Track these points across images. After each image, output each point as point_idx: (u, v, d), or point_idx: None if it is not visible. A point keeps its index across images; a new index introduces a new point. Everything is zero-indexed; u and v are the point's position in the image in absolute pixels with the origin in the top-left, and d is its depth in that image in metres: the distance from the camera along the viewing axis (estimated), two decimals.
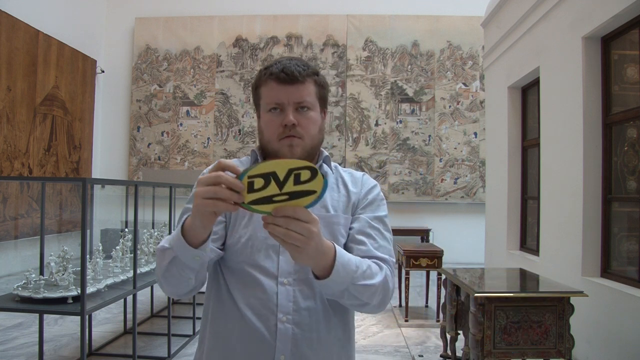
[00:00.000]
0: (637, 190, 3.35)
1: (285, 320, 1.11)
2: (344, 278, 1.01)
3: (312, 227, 0.88)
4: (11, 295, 2.79)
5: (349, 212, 1.22)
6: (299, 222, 0.87)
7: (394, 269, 1.18)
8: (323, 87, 1.22)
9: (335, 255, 0.99)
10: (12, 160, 6.72)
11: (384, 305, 1.13)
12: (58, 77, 7.69)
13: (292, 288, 1.13)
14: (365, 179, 1.29)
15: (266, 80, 1.17)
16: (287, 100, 1.15)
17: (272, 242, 1.14)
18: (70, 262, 2.93)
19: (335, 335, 1.17)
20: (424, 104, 9.00)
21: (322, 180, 0.86)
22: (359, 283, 1.04)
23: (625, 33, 3.45)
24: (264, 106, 1.18)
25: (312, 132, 1.18)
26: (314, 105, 1.18)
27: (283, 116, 1.15)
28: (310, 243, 0.89)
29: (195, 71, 9.24)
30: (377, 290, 1.08)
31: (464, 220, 8.79)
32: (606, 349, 3.31)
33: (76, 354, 3.73)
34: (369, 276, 1.06)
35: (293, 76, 1.15)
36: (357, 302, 1.07)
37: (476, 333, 2.78)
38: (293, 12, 9.18)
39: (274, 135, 1.16)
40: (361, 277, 1.05)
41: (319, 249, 0.94)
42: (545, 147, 4.49)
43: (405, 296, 4.89)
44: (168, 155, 9.23)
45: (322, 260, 0.97)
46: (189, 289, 1.09)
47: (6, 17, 6.47)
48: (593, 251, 3.63)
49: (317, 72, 1.21)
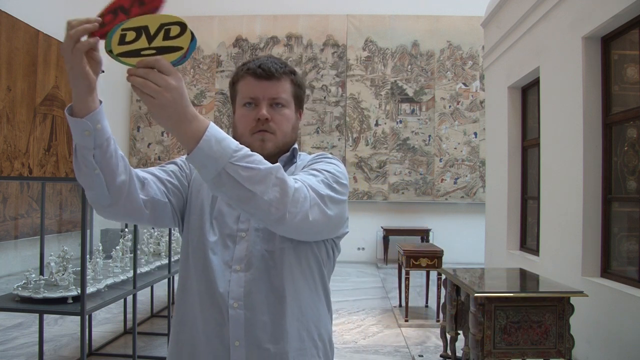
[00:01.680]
0: (637, 190, 3.35)
1: (237, 306, 1.11)
2: (219, 153, 0.91)
3: (171, 80, 0.86)
4: (11, 295, 2.79)
5: None
6: (157, 73, 0.86)
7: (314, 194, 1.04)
8: (299, 86, 1.24)
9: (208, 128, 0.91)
10: (12, 160, 6.71)
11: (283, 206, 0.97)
12: (58, 77, 7.69)
13: (244, 273, 1.12)
14: (318, 154, 1.25)
15: (243, 76, 1.20)
16: (262, 95, 1.17)
17: (228, 232, 1.16)
18: (70, 262, 2.93)
19: (295, 315, 1.15)
20: (424, 104, 9.00)
21: (189, 36, 0.87)
22: (239, 163, 0.92)
23: (625, 33, 3.45)
24: (239, 101, 1.21)
25: (285, 129, 1.20)
26: (288, 103, 1.20)
27: (257, 111, 1.17)
28: (165, 95, 0.86)
29: (195, 71, 9.24)
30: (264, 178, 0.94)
31: (464, 220, 8.79)
32: (606, 349, 3.31)
33: (76, 354, 3.73)
34: (254, 162, 0.94)
35: (269, 72, 1.17)
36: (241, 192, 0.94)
37: (476, 333, 2.78)
38: (293, 12, 9.18)
39: (247, 129, 1.18)
40: (242, 159, 0.93)
41: (179, 111, 0.88)
42: (545, 147, 4.49)
43: (405, 296, 4.89)
44: (168, 155, 9.23)
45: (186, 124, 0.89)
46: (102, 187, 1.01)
47: (6, 17, 6.47)
48: (593, 251, 3.63)
49: (294, 72, 1.23)
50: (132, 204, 1.07)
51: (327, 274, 1.25)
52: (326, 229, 1.13)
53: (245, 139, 1.18)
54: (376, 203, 9.01)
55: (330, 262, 1.25)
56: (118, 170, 1.02)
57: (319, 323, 1.20)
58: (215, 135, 0.92)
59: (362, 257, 8.87)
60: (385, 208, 9.03)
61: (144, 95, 0.87)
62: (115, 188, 1.02)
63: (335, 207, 1.11)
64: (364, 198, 8.94)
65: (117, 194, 1.03)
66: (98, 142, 0.97)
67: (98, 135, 0.97)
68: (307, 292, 1.18)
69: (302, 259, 1.17)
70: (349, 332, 4.49)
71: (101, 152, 0.98)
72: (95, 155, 0.98)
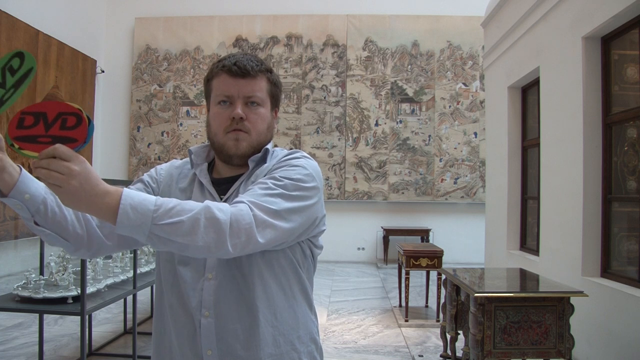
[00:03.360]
0: (637, 190, 3.35)
1: (208, 315, 1.10)
2: (139, 220, 0.90)
3: (73, 165, 0.85)
4: (11, 295, 2.80)
5: None
6: (59, 162, 0.85)
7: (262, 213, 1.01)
8: (275, 85, 1.22)
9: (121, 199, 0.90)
10: (12, 160, 6.71)
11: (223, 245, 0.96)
12: (58, 77, 7.69)
13: (215, 282, 1.11)
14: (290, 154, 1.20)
15: (218, 73, 1.17)
16: (237, 93, 1.15)
17: None
18: (70, 262, 2.93)
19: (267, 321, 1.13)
20: (424, 104, 9.00)
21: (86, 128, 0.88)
22: (163, 222, 0.92)
23: (625, 33, 3.45)
24: (214, 99, 1.18)
25: (260, 128, 1.17)
26: (264, 102, 1.18)
27: (231, 109, 1.14)
28: (70, 182, 0.85)
29: (195, 71, 9.24)
30: (193, 226, 0.93)
31: (464, 220, 8.79)
32: (606, 349, 3.31)
33: (76, 354, 3.73)
34: (176, 213, 0.93)
35: (245, 70, 1.14)
36: (175, 246, 0.95)
37: (476, 333, 2.78)
38: (293, 12, 9.18)
39: (221, 128, 1.15)
40: (165, 216, 0.92)
41: (87, 189, 0.87)
42: (545, 147, 4.49)
43: (405, 296, 4.89)
44: (168, 155, 9.23)
45: (98, 203, 0.88)
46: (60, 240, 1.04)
47: (6, 17, 6.47)
48: (593, 251, 3.63)
49: (270, 70, 1.21)
50: (97, 243, 1.09)
51: (305, 274, 1.21)
52: (290, 239, 1.09)
53: (219, 138, 1.16)
54: (376, 203, 9.01)
55: (307, 261, 1.21)
56: (67, 224, 1.03)
57: (297, 326, 1.17)
58: (130, 203, 0.91)
59: (362, 257, 8.88)
60: (385, 208, 9.03)
61: (50, 186, 0.86)
62: (72, 238, 1.05)
63: (298, 216, 1.08)
64: (364, 198, 8.94)
65: (77, 241, 1.06)
66: (34, 209, 0.98)
67: (30, 204, 0.97)
68: (282, 296, 1.15)
69: (274, 263, 1.13)
70: (349, 332, 4.49)
71: (41, 217, 1.00)
72: (37, 221, 0.99)
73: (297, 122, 9.07)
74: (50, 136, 0.88)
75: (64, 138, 0.88)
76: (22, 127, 0.89)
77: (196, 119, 9.23)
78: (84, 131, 0.88)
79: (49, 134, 0.88)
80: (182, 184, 1.23)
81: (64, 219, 1.02)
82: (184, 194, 1.20)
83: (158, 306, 1.21)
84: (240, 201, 1.02)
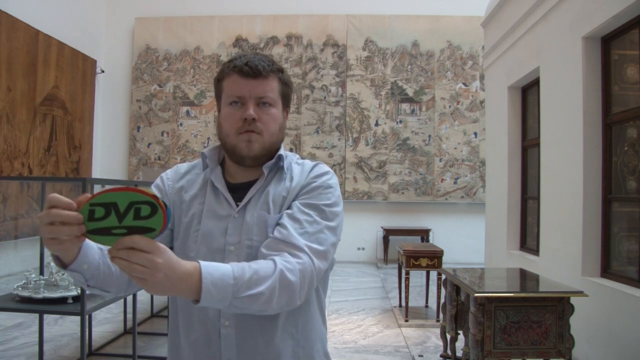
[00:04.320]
0: (637, 190, 3.35)
1: (228, 325, 1.10)
2: (221, 295, 0.92)
3: (156, 258, 0.82)
4: (11, 295, 2.79)
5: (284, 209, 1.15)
6: (140, 254, 0.81)
7: (318, 260, 1.06)
8: (287, 85, 1.20)
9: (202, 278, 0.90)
10: (12, 160, 6.71)
11: (293, 303, 1.02)
12: (58, 77, 7.69)
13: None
14: (317, 168, 1.20)
15: (229, 73, 1.15)
16: (249, 94, 1.13)
17: (216, 246, 1.13)
18: None
19: (288, 334, 1.14)
20: (424, 104, 9.00)
21: (162, 217, 0.83)
22: (243, 295, 0.94)
23: (625, 33, 3.45)
24: (224, 99, 1.16)
25: (272, 129, 1.16)
26: (275, 102, 1.16)
27: (243, 110, 1.13)
28: (156, 275, 0.82)
29: (195, 71, 9.24)
30: (271, 295, 0.97)
31: (464, 220, 8.79)
32: (606, 349, 3.31)
33: (76, 354, 3.73)
34: (255, 284, 0.96)
35: (257, 70, 1.12)
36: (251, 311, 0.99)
37: (476, 333, 2.78)
38: (293, 12, 9.18)
39: (233, 129, 1.14)
40: (244, 288, 0.94)
41: (172, 278, 0.85)
42: (545, 147, 4.49)
43: (405, 296, 4.89)
44: (168, 155, 9.23)
45: (182, 287, 0.89)
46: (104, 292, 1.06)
47: (6, 17, 6.47)
48: (593, 251, 3.63)
49: (281, 69, 1.19)
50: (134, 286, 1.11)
51: (322, 289, 1.23)
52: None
53: (230, 139, 1.14)
54: (376, 203, 9.01)
55: (325, 275, 1.22)
56: (114, 278, 1.04)
57: (315, 338, 1.19)
58: (211, 281, 0.91)
59: (362, 257, 8.87)
60: (385, 208, 9.03)
61: (133, 277, 0.83)
62: (116, 287, 1.06)
63: (334, 248, 1.13)
64: (364, 198, 8.94)
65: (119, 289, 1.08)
66: (88, 276, 0.98)
67: (86, 272, 0.97)
68: (302, 310, 1.15)
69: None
70: (349, 332, 4.49)
71: (95, 279, 1.01)
72: (90, 285, 1.00)
73: (297, 122, 9.07)
74: (125, 227, 0.82)
75: (139, 228, 0.83)
76: (93, 219, 0.82)
77: (196, 119, 9.23)
78: (161, 220, 0.83)
79: (123, 225, 0.82)
80: (192, 190, 1.21)
81: (112, 275, 1.03)
82: (195, 200, 1.19)
83: (172, 312, 1.20)
84: (300, 248, 1.05)
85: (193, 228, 1.16)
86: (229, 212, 1.15)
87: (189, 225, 1.17)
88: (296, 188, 1.16)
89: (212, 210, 1.16)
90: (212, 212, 1.16)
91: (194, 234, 1.15)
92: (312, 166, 1.21)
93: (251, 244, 1.11)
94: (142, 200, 0.82)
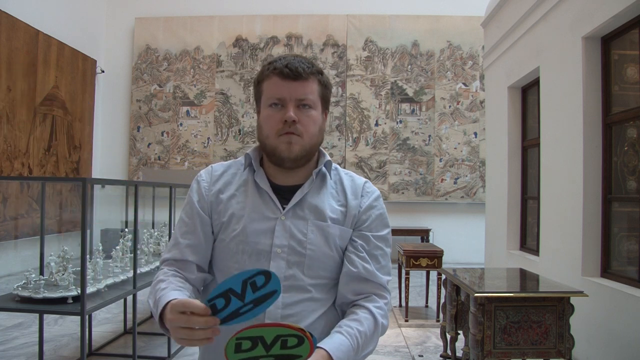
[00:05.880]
0: (637, 190, 3.35)
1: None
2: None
3: None
4: (11, 295, 2.79)
5: (348, 224, 1.20)
6: None
7: (389, 291, 1.22)
8: (326, 87, 1.21)
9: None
10: (12, 160, 6.72)
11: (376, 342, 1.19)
12: (58, 77, 7.69)
13: (282, 295, 1.10)
14: (367, 188, 1.26)
15: (269, 75, 1.16)
16: (289, 96, 1.13)
17: (262, 248, 1.13)
18: (70, 262, 2.93)
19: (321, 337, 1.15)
20: (424, 104, 9.00)
21: (309, 347, 0.89)
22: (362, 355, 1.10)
23: (625, 33, 3.45)
24: (264, 101, 1.17)
25: (312, 131, 1.16)
26: (315, 104, 1.16)
27: (283, 112, 1.13)
28: None
29: (195, 71, 9.24)
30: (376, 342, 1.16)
31: (464, 220, 8.79)
32: (606, 349, 3.31)
33: (76, 354, 3.73)
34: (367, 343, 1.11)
35: (297, 72, 1.13)
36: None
37: (476, 333, 2.78)
38: (293, 12, 9.18)
39: (273, 130, 1.14)
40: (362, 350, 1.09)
41: None
42: (545, 147, 4.49)
43: (405, 296, 4.88)
44: (168, 155, 9.23)
45: None
46: None
47: (6, 17, 6.47)
48: (593, 251, 3.63)
49: (321, 72, 1.19)
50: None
51: None
52: None
53: (271, 141, 1.15)
54: None
55: None
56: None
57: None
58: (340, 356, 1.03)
59: None
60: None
61: None
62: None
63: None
64: None
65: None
66: None
67: None
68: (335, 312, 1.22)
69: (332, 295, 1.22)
70: None
71: None
72: None
73: None
74: (272, 355, 0.89)
75: (287, 356, 0.89)
76: (240, 350, 0.89)
77: (196, 119, 9.23)
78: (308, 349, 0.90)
79: (270, 354, 0.89)
80: (229, 191, 1.21)
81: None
82: (233, 200, 1.19)
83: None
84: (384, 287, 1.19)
85: (231, 228, 1.16)
86: (276, 214, 1.16)
87: (227, 225, 1.17)
88: (356, 207, 1.22)
89: (257, 211, 1.16)
90: (257, 213, 1.16)
91: (233, 234, 1.15)
92: (363, 183, 1.28)
93: (303, 251, 1.14)
94: (289, 334, 0.88)
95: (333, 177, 1.24)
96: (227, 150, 9.15)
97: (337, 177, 1.25)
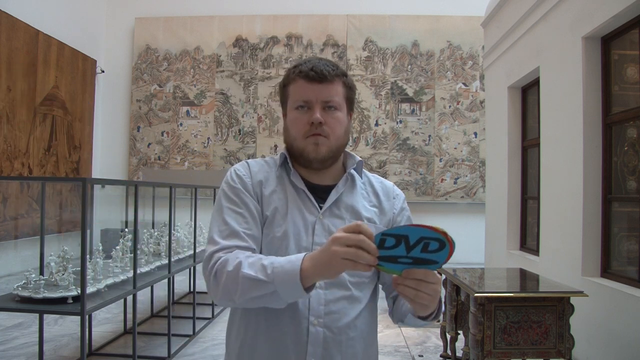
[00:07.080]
0: (637, 190, 3.35)
1: (317, 323, 1.12)
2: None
3: (438, 287, 0.96)
4: (11, 295, 2.79)
5: (382, 224, 1.24)
6: (428, 284, 0.93)
7: None
8: (351, 88, 1.24)
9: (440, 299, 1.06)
10: (12, 160, 6.72)
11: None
12: (58, 77, 7.70)
13: (324, 292, 1.13)
14: (396, 190, 1.32)
15: (295, 79, 1.18)
16: (315, 98, 1.15)
17: (304, 245, 1.14)
18: (70, 262, 2.93)
19: (360, 335, 1.18)
20: (424, 104, 9.00)
21: (448, 253, 0.90)
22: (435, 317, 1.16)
23: (625, 33, 3.45)
24: (291, 104, 1.19)
25: (338, 133, 1.19)
26: (341, 106, 1.19)
27: (310, 114, 1.15)
28: (436, 301, 0.99)
29: (195, 71, 9.24)
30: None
31: (464, 220, 8.78)
32: (606, 349, 3.31)
33: (76, 354, 3.73)
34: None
35: (322, 75, 1.15)
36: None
37: (476, 333, 2.78)
38: (293, 12, 9.18)
39: (300, 132, 1.17)
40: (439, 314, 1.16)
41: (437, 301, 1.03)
42: (545, 147, 4.48)
43: None
44: (168, 155, 9.23)
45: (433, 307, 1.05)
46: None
47: (6, 17, 6.47)
48: (593, 251, 3.63)
49: (345, 74, 1.23)
50: None
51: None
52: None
53: (298, 142, 1.17)
54: None
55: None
56: None
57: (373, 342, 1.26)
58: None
59: None
60: None
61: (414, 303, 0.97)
62: None
63: None
64: None
65: None
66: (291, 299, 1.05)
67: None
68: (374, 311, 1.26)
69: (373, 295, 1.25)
70: None
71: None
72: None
73: None
74: (411, 257, 0.91)
75: (424, 260, 0.91)
76: (382, 247, 0.90)
77: (196, 119, 9.23)
78: (446, 255, 0.90)
79: (409, 256, 0.90)
80: (270, 186, 1.21)
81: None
82: (274, 195, 1.20)
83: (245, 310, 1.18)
84: None
85: (276, 222, 1.17)
86: (314, 213, 1.18)
87: (272, 219, 1.17)
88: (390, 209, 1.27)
89: (298, 208, 1.18)
90: (298, 210, 1.18)
91: (279, 229, 1.16)
92: (392, 187, 1.33)
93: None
94: (433, 237, 0.88)
95: (363, 178, 1.28)
96: (227, 150, 9.15)
97: (365, 178, 1.29)
